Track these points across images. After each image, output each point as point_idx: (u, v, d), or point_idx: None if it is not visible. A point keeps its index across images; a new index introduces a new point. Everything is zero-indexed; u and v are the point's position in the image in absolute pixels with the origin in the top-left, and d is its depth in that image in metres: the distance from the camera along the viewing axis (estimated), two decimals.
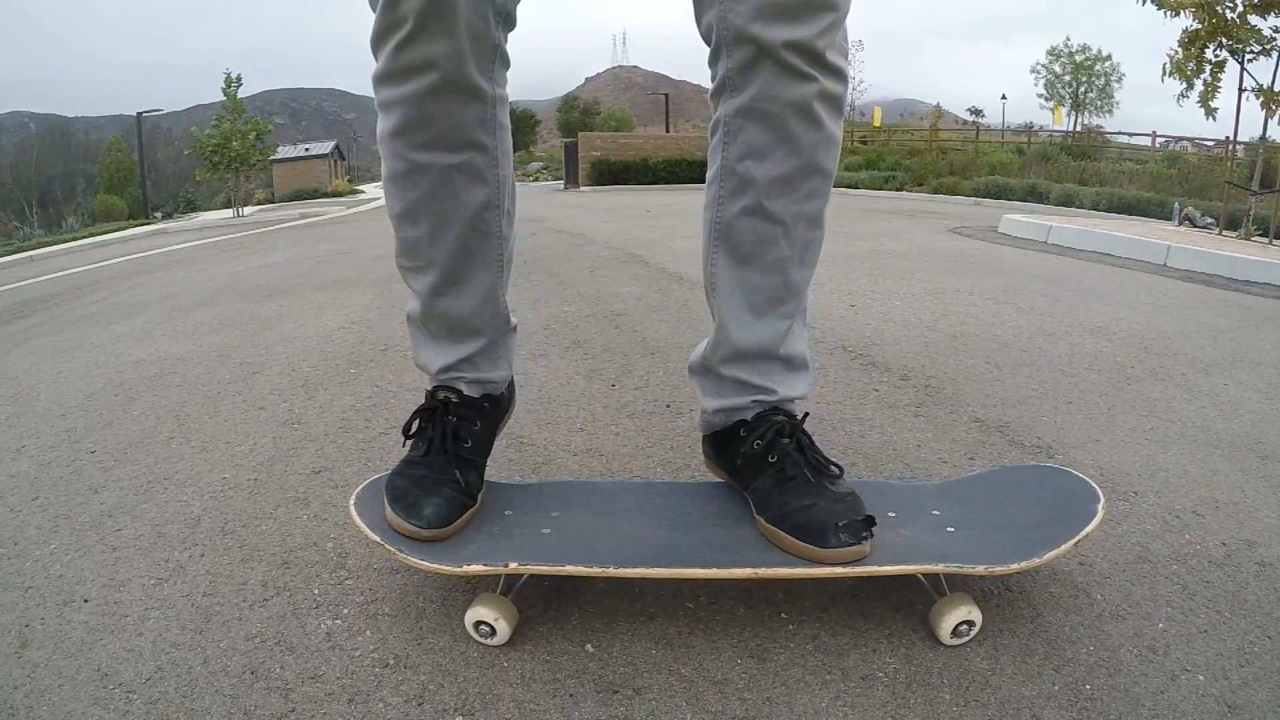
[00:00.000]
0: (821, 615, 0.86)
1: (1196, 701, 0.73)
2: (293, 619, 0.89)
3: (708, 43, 0.86)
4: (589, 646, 0.82)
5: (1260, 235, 5.48)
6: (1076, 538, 0.81)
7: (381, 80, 0.83)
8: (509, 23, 0.85)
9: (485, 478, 0.96)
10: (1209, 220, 6.74)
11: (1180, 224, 6.90)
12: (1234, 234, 5.53)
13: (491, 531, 0.88)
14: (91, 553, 1.06)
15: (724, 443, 0.97)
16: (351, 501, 0.92)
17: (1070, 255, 4.31)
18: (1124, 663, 0.78)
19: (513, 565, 0.79)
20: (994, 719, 0.71)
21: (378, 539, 0.84)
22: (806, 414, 0.95)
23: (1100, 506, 0.86)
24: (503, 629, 0.81)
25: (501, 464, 1.30)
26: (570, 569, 0.79)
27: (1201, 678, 0.76)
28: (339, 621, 0.88)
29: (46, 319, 3.52)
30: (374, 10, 0.81)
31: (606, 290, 3.00)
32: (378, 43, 0.81)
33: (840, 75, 0.84)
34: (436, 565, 0.81)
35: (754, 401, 0.94)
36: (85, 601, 0.94)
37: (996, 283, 3.13)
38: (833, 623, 0.85)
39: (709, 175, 0.92)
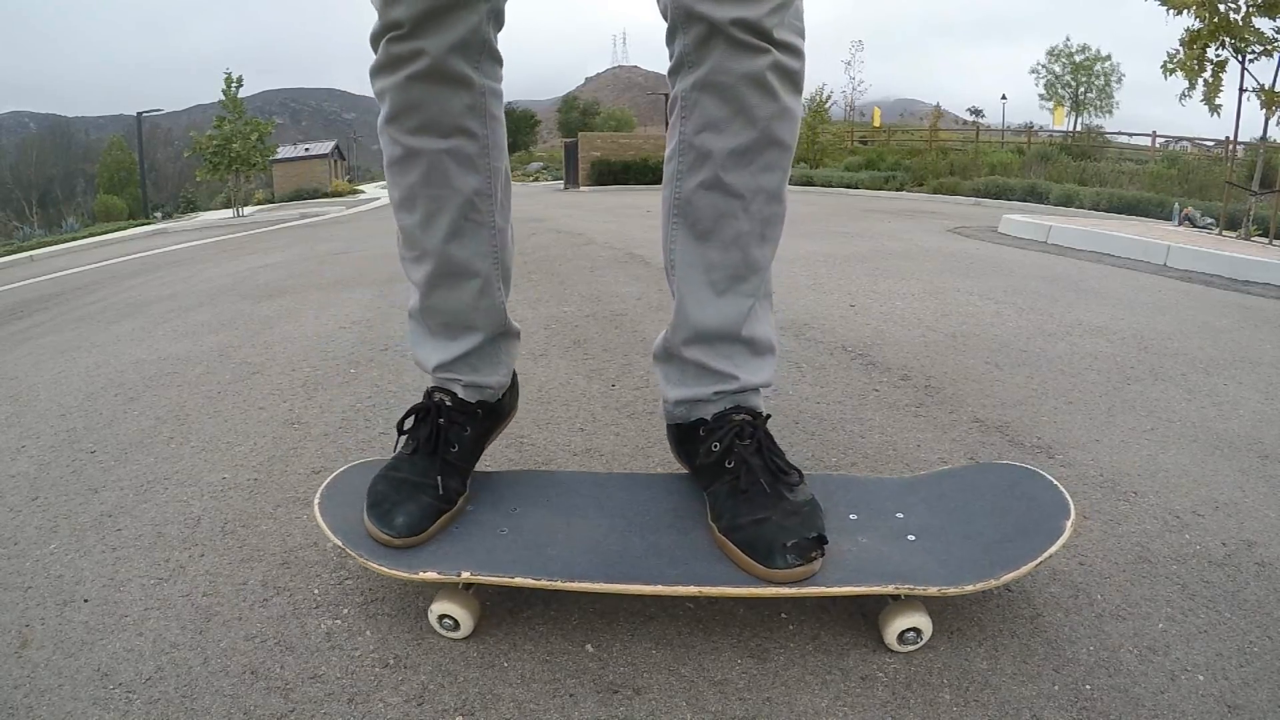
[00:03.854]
0: (821, 615, 0.86)
1: (1196, 701, 0.73)
2: (293, 619, 0.89)
3: (665, 20, 0.86)
4: (589, 646, 0.82)
5: (1260, 235, 5.47)
6: (1039, 559, 0.79)
7: (376, 71, 0.88)
8: (499, 21, 0.89)
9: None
10: (1209, 220, 6.74)
11: (1180, 224, 6.90)
12: (1234, 234, 5.53)
13: (452, 531, 0.89)
14: (91, 553, 1.06)
15: (685, 438, 0.97)
16: (316, 501, 0.93)
17: (1070, 255, 4.31)
18: (1124, 663, 0.78)
19: (465, 575, 0.81)
20: (994, 719, 0.71)
21: (338, 541, 0.86)
22: (769, 415, 0.94)
23: (1069, 523, 0.84)
24: (466, 622, 0.83)
25: (501, 464, 1.30)
26: (519, 581, 0.80)
27: (1201, 678, 0.76)
28: (339, 621, 0.88)
29: (46, 319, 3.52)
30: (375, 10, 0.85)
31: (606, 290, 3.00)
32: (375, 40, 0.86)
33: (794, 50, 0.84)
34: (393, 570, 0.83)
35: (716, 394, 0.92)
36: (85, 601, 0.94)
37: (996, 283, 3.13)
38: (833, 623, 0.85)
39: (668, 152, 0.92)
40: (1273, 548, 1.01)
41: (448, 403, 0.96)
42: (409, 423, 0.96)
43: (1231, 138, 6.67)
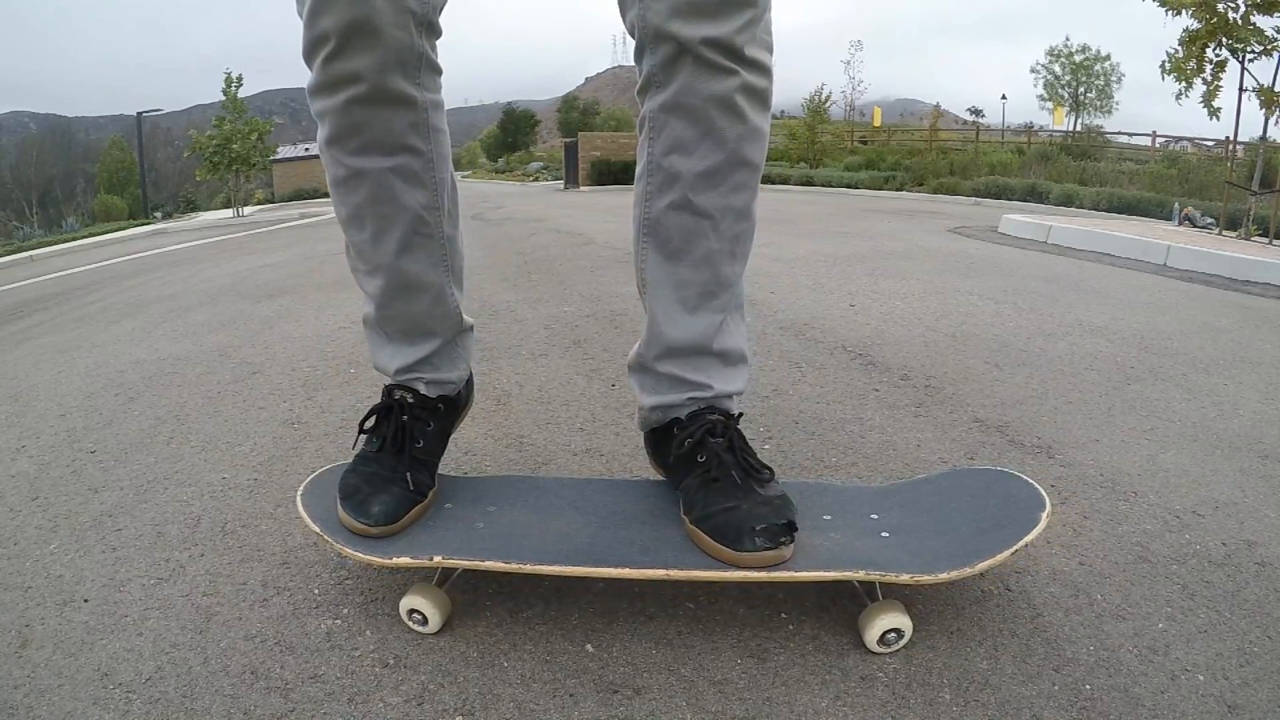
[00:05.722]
0: (821, 615, 0.86)
1: (1196, 701, 0.73)
2: (293, 619, 0.89)
3: (633, 38, 0.86)
4: (589, 646, 0.82)
5: (1260, 235, 5.47)
6: (1014, 547, 0.80)
7: (314, 92, 0.85)
8: (433, 31, 0.87)
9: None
10: (1209, 220, 6.74)
11: (1180, 224, 6.90)
12: (1234, 234, 5.52)
13: (428, 525, 0.90)
14: (91, 553, 1.06)
15: (660, 440, 0.98)
16: (299, 493, 0.94)
17: (1070, 255, 4.31)
18: (1124, 663, 0.78)
19: (437, 559, 0.82)
20: (994, 719, 0.71)
21: (317, 530, 0.87)
22: (741, 414, 0.95)
23: (1044, 515, 0.84)
24: (434, 618, 0.84)
25: (502, 463, 1.30)
26: (490, 564, 0.81)
27: (1201, 678, 0.76)
28: (339, 621, 0.88)
29: (46, 319, 3.52)
30: (302, 24, 0.83)
31: (606, 290, 3.00)
32: (307, 57, 0.84)
33: (762, 69, 0.84)
34: (368, 556, 0.84)
35: (689, 399, 0.94)
36: (85, 601, 0.94)
37: (996, 283, 3.13)
38: (833, 623, 0.85)
39: (637, 171, 0.93)
40: (1273, 548, 1.01)
41: (410, 400, 0.97)
42: (370, 422, 0.97)
43: (1231, 138, 6.66)
